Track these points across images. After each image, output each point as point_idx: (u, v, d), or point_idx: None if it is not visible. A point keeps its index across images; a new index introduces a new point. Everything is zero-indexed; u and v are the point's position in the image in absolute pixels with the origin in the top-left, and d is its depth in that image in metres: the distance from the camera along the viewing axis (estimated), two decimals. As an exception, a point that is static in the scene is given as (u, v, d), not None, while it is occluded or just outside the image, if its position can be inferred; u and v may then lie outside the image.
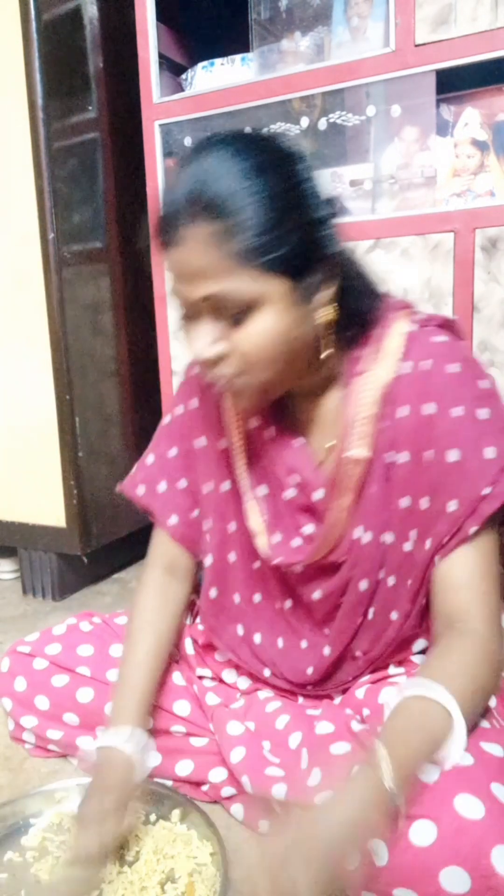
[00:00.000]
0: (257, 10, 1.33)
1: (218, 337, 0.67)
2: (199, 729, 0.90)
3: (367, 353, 0.74)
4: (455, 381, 0.71)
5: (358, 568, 0.78)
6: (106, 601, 1.62)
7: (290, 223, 0.65)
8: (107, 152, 1.58)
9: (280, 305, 0.66)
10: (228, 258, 0.63)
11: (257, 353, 0.67)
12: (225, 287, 0.64)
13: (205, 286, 0.65)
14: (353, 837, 0.52)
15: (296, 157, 0.68)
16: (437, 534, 0.71)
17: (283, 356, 0.69)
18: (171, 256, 0.67)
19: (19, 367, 1.56)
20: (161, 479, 0.91)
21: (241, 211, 0.63)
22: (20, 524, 1.62)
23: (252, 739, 0.83)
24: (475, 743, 0.60)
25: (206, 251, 0.64)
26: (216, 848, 0.75)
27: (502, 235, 1.15)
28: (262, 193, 0.64)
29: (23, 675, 0.95)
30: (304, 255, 0.66)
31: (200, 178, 0.64)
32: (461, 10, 1.11)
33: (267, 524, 0.83)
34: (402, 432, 0.73)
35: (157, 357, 1.53)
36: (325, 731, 0.78)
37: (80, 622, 1.01)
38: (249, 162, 0.64)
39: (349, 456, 0.74)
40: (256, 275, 0.64)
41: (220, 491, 0.87)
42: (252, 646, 0.88)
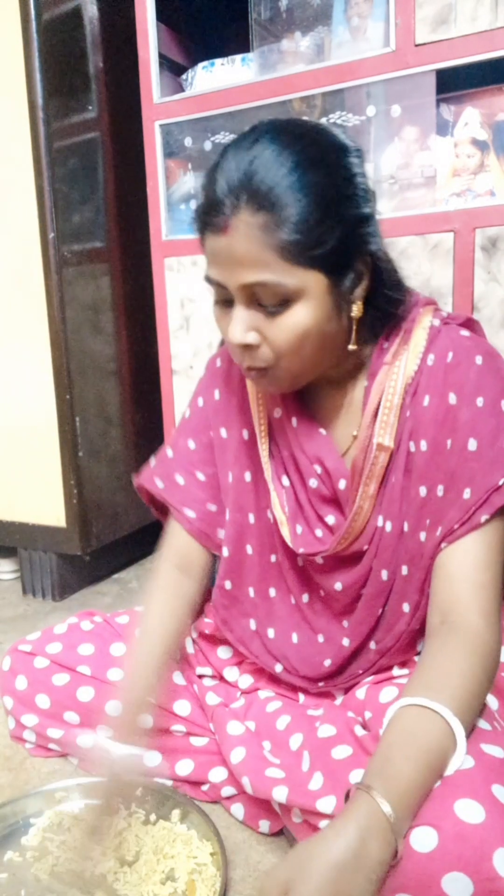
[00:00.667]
0: (257, 10, 1.33)
1: (252, 325, 0.68)
2: (200, 728, 0.90)
3: (393, 346, 0.76)
4: (477, 373, 0.72)
5: (379, 557, 0.78)
6: (106, 601, 1.62)
7: (336, 220, 0.66)
8: (107, 152, 1.58)
9: (317, 300, 0.67)
10: (273, 250, 0.64)
11: (289, 346, 0.69)
12: (267, 278, 0.65)
13: (246, 275, 0.66)
14: (353, 870, 0.51)
15: (347, 150, 0.69)
16: (448, 520, 0.71)
17: (314, 349, 0.70)
18: (214, 241, 0.67)
19: (19, 366, 1.56)
20: (179, 472, 0.91)
21: (291, 205, 0.63)
22: (20, 524, 1.62)
23: (252, 740, 0.83)
24: (475, 745, 0.60)
25: (251, 241, 0.64)
26: (216, 848, 0.75)
27: (502, 235, 1.15)
28: (312, 188, 0.64)
29: (24, 674, 0.95)
30: (345, 252, 0.67)
31: (252, 167, 0.64)
32: (461, 10, 1.11)
33: (289, 515, 0.83)
34: (423, 422, 0.74)
35: (157, 357, 1.53)
36: (326, 734, 0.77)
37: (81, 621, 1.01)
38: (302, 154, 0.65)
39: (375, 444, 0.75)
40: (298, 269, 0.65)
41: (242, 481, 0.87)
42: (265, 640, 0.88)
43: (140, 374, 1.70)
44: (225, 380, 0.89)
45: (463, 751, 0.58)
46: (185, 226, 1.48)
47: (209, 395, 0.91)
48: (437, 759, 0.57)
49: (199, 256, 1.41)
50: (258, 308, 0.68)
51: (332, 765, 0.72)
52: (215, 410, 0.89)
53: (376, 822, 0.53)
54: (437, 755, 0.57)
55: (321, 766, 0.72)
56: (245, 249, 0.65)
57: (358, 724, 0.78)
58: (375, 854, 0.52)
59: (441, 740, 0.58)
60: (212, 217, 0.66)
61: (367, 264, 0.71)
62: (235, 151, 0.66)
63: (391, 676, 0.82)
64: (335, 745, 0.74)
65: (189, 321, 1.47)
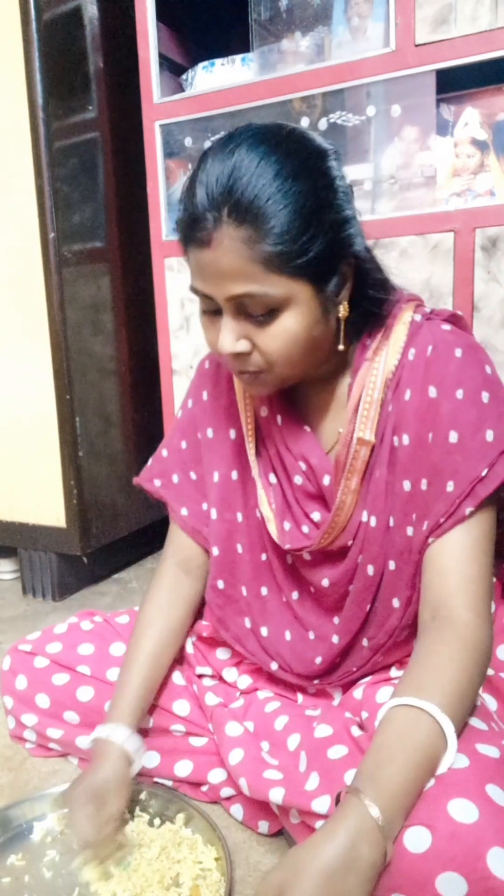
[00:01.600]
0: (257, 10, 1.33)
1: (241, 334, 0.69)
2: (199, 728, 0.90)
3: (375, 342, 0.76)
4: (457, 366, 0.72)
5: (365, 552, 0.78)
6: (106, 601, 1.62)
7: (319, 227, 0.66)
8: (107, 152, 1.58)
9: (304, 306, 0.68)
10: (258, 262, 0.64)
11: (280, 353, 0.69)
12: (253, 290, 0.65)
13: (233, 287, 0.66)
14: (347, 876, 0.52)
15: (326, 154, 0.69)
16: (434, 514, 0.71)
17: (304, 353, 0.71)
18: (197, 255, 0.67)
19: (19, 366, 1.56)
20: (174, 471, 0.93)
21: (274, 216, 0.63)
22: (20, 524, 1.62)
23: (251, 741, 0.83)
24: (470, 745, 0.60)
25: (235, 254, 0.64)
26: (220, 853, 0.75)
27: (502, 235, 1.15)
28: (294, 198, 0.64)
29: (24, 674, 0.95)
30: (329, 258, 0.68)
31: (232, 179, 0.64)
32: (461, 10, 1.11)
33: (276, 512, 0.84)
34: (405, 416, 0.74)
35: (157, 356, 1.53)
36: (323, 735, 0.77)
37: (81, 621, 1.01)
38: (282, 163, 0.64)
39: (356, 438, 0.76)
40: (283, 279, 0.66)
41: (228, 480, 0.87)
42: (259, 638, 0.89)
43: (140, 374, 1.70)
44: (213, 381, 0.90)
45: (454, 748, 0.58)
46: (185, 226, 1.48)
47: (198, 396, 0.92)
48: (428, 758, 0.57)
49: (199, 256, 1.42)
50: (246, 317, 0.68)
51: (327, 765, 0.72)
52: (203, 411, 0.90)
53: (366, 826, 0.53)
54: (427, 755, 0.57)
55: (317, 767, 0.72)
56: (230, 262, 0.65)
57: (355, 725, 0.78)
58: (366, 857, 0.52)
59: (431, 739, 0.58)
60: (195, 231, 0.66)
61: (351, 265, 0.71)
62: (214, 160, 0.66)
63: (388, 677, 0.81)
64: (331, 745, 0.74)
65: (189, 321, 1.47)
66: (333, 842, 0.53)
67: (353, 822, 0.53)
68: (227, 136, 0.68)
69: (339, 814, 0.55)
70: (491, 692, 0.75)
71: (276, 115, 1.32)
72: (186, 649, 0.95)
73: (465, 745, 0.60)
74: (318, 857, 0.52)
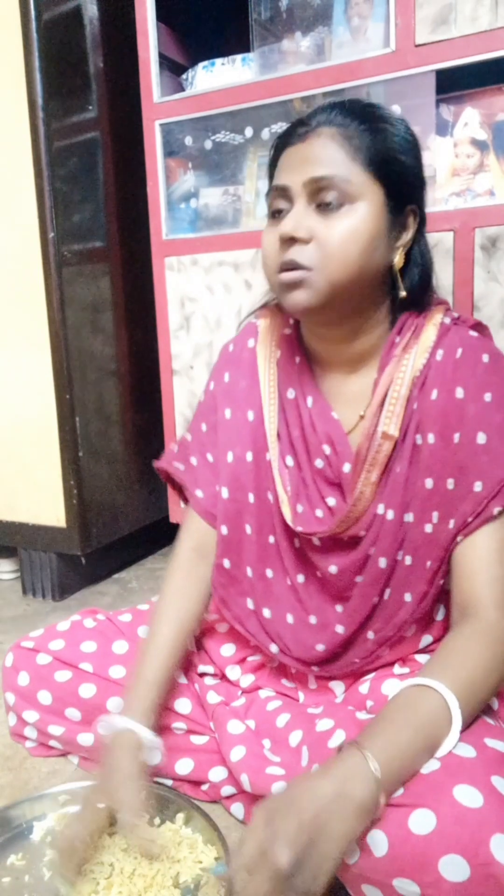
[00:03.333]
0: (257, 11, 1.33)
1: (307, 224, 0.72)
2: (200, 727, 0.90)
3: (404, 340, 0.78)
4: (484, 370, 0.75)
5: (378, 545, 0.79)
6: (106, 601, 1.62)
7: (406, 159, 0.74)
8: (107, 152, 1.58)
9: (373, 210, 0.72)
10: (348, 151, 0.71)
11: (339, 246, 0.71)
12: (334, 172, 0.71)
13: (317, 168, 0.71)
14: (336, 809, 0.54)
15: (416, 137, 0.77)
16: (462, 513, 0.73)
17: (359, 261, 0.72)
18: (290, 152, 0.74)
19: (19, 366, 1.56)
20: (193, 454, 0.93)
21: (373, 129, 0.72)
22: (20, 524, 1.62)
23: (252, 738, 0.83)
24: (478, 737, 0.61)
25: (331, 141, 0.72)
26: (221, 852, 0.75)
27: (502, 234, 1.15)
28: (392, 129, 0.74)
29: (26, 670, 0.95)
30: (406, 187, 0.75)
31: (341, 104, 0.74)
32: (461, 11, 1.12)
33: (291, 494, 0.84)
34: (430, 415, 0.76)
35: (157, 356, 1.53)
36: (324, 728, 0.78)
37: (84, 619, 1.01)
38: (386, 111, 0.76)
39: (379, 432, 0.77)
40: (366, 174, 0.72)
41: (243, 461, 0.88)
42: (261, 619, 0.89)
43: (140, 374, 1.71)
44: (236, 363, 0.91)
45: (458, 727, 0.60)
46: (185, 225, 1.49)
47: (219, 378, 0.93)
48: (429, 728, 0.60)
49: (199, 255, 1.43)
50: (317, 208, 0.72)
51: (327, 754, 0.72)
52: (223, 392, 0.91)
53: (360, 770, 0.56)
54: (428, 725, 0.60)
55: (318, 759, 0.73)
56: (321, 147, 0.72)
57: (361, 712, 0.78)
58: (357, 796, 0.55)
59: (435, 712, 0.60)
60: (295, 131, 0.74)
61: (415, 221, 0.77)
62: (325, 104, 0.76)
63: (392, 674, 0.82)
64: (331, 734, 0.75)
65: (189, 321, 1.47)
66: (327, 778, 0.56)
67: (349, 764, 0.56)
68: None
69: (337, 758, 0.58)
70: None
71: (276, 115, 1.32)
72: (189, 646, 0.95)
73: (474, 737, 0.61)
74: (310, 790, 0.55)
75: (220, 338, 1.44)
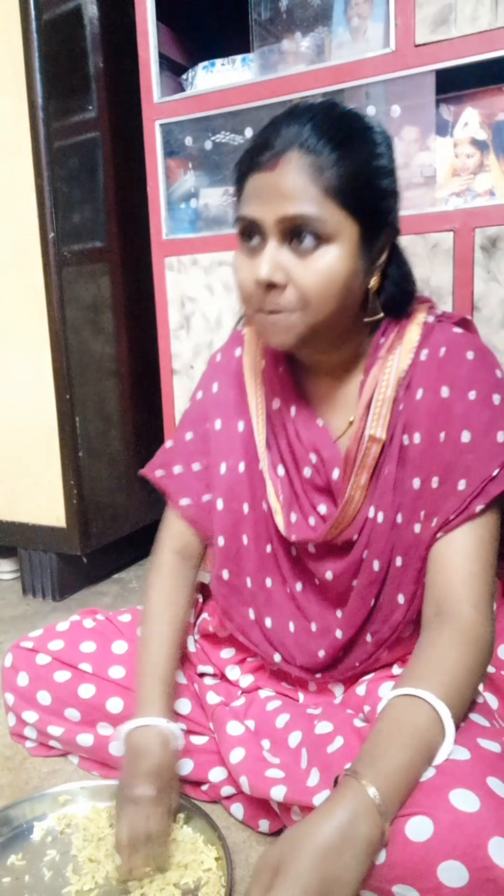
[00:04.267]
0: (257, 11, 1.33)
1: (282, 265, 0.70)
2: (200, 727, 0.90)
3: (389, 340, 0.77)
4: (469, 368, 0.74)
5: (371, 548, 0.79)
6: (106, 601, 1.62)
7: (377, 181, 0.71)
8: (107, 152, 1.58)
9: (348, 248, 0.70)
10: (318, 186, 0.67)
11: (317, 289, 0.70)
12: (308, 211, 0.67)
13: (290, 206, 0.68)
14: (344, 855, 0.52)
15: (386, 136, 0.74)
16: (444, 511, 0.73)
17: (337, 301, 0.71)
18: (257, 179, 0.70)
19: (19, 366, 1.56)
20: (177, 462, 0.93)
21: (343, 155, 0.68)
22: (20, 524, 1.62)
23: (252, 739, 0.83)
24: (472, 739, 0.60)
25: (300, 175, 0.67)
26: (221, 852, 0.75)
27: (502, 235, 1.15)
28: (361, 148, 0.69)
29: (25, 671, 0.95)
30: (380, 213, 0.72)
31: (309, 122, 0.69)
32: (461, 11, 1.12)
33: (283, 503, 0.84)
34: (416, 415, 0.76)
35: (157, 356, 1.53)
36: (323, 731, 0.77)
37: (84, 619, 1.01)
38: (353, 123, 0.71)
39: (367, 435, 0.76)
40: (339, 211, 0.68)
41: (235, 472, 0.88)
42: (263, 629, 0.89)
43: (140, 374, 1.71)
44: (224, 373, 0.91)
45: (452, 736, 0.59)
46: (185, 225, 1.49)
47: (208, 388, 0.93)
48: (425, 743, 0.58)
49: (199, 255, 1.43)
50: (290, 247, 0.69)
51: (327, 759, 0.72)
52: (212, 402, 0.91)
53: (363, 804, 0.54)
54: (424, 739, 0.58)
55: (317, 763, 0.73)
56: (293, 182, 0.68)
57: (357, 718, 0.78)
58: (363, 834, 0.53)
59: (428, 725, 0.59)
60: (260, 156, 0.70)
61: (390, 239, 0.74)
62: (290, 112, 0.71)
63: (391, 674, 0.82)
64: (331, 739, 0.75)
65: (189, 321, 1.47)
66: (330, 819, 0.53)
67: (350, 800, 0.54)
68: (294, 106, 0.73)
69: (336, 794, 0.55)
70: (492, 691, 0.76)
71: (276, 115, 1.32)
72: (188, 647, 0.95)
73: (467, 738, 0.60)
74: (315, 835, 0.52)
75: (220, 337, 1.44)
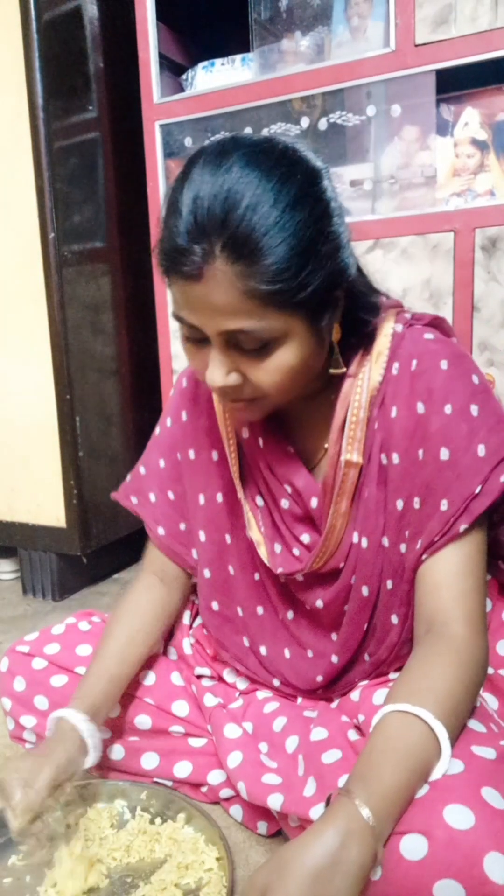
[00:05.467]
0: (257, 10, 1.33)
1: (232, 367, 0.65)
2: (198, 729, 0.90)
3: (358, 356, 0.74)
4: (444, 379, 0.70)
5: (358, 573, 0.77)
6: (106, 601, 1.62)
7: (317, 260, 0.62)
8: (107, 152, 1.58)
9: (300, 339, 0.64)
10: (254, 298, 0.60)
11: (276, 385, 0.66)
12: (249, 325, 0.61)
13: (226, 322, 0.61)
14: (335, 879, 0.50)
15: (320, 175, 0.64)
16: (429, 532, 0.70)
17: (298, 382, 0.68)
18: (184, 287, 0.62)
19: (19, 366, 1.56)
20: (152, 490, 0.92)
21: (272, 252, 0.58)
22: (20, 524, 1.62)
23: (249, 743, 0.83)
24: (465, 747, 0.59)
25: (230, 289, 0.59)
26: (222, 852, 0.75)
27: (502, 235, 1.15)
28: (292, 231, 0.59)
29: (22, 675, 0.94)
30: (327, 288, 0.64)
31: (226, 208, 0.58)
32: (461, 11, 1.11)
33: (265, 535, 0.82)
34: (392, 434, 0.72)
35: (157, 356, 1.53)
36: (318, 738, 0.76)
37: (80, 622, 1.00)
38: (278, 191, 0.59)
39: (343, 461, 0.74)
40: (281, 314, 0.62)
41: (214, 502, 0.86)
42: (259, 657, 0.88)
43: (140, 374, 1.70)
44: (192, 400, 0.88)
45: (448, 755, 0.57)
46: (185, 226, 1.48)
47: (177, 415, 0.90)
48: (420, 763, 0.56)
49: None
50: (238, 349, 0.64)
51: (322, 769, 0.71)
52: (183, 431, 0.89)
53: (356, 826, 0.52)
54: (420, 759, 0.57)
55: (313, 772, 0.72)
56: (223, 297, 0.60)
57: (352, 729, 0.77)
58: (355, 857, 0.51)
59: (424, 745, 0.57)
60: (181, 263, 0.60)
61: (344, 290, 0.68)
62: (203, 182, 0.59)
63: (387, 680, 0.81)
64: (326, 749, 0.74)
65: (189, 321, 1.47)
66: (321, 841, 0.51)
67: (342, 821, 0.52)
68: (215, 153, 0.61)
69: (328, 814, 0.54)
70: (492, 691, 0.75)
71: (276, 114, 1.32)
72: (184, 650, 0.95)
73: (461, 748, 0.59)
74: (304, 857, 0.51)
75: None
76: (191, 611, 0.99)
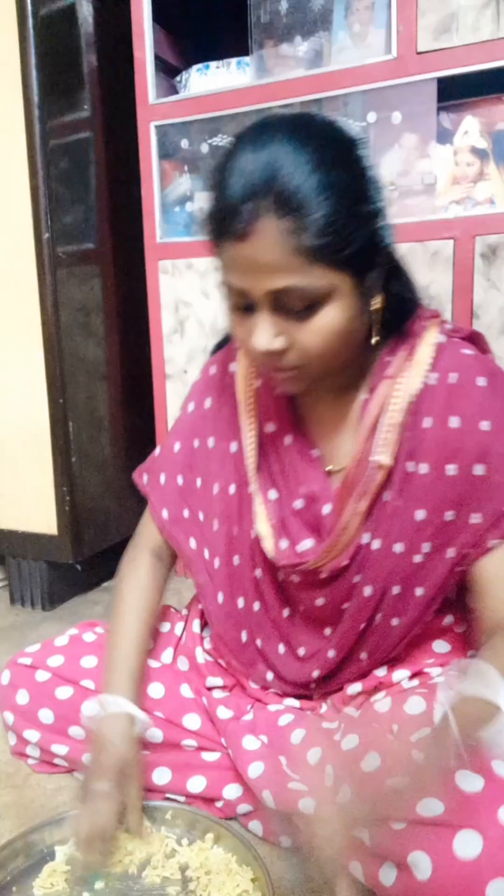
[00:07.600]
0: (256, 14, 1.32)
1: (280, 330, 0.66)
2: (211, 743, 0.88)
3: (397, 360, 0.75)
4: (481, 396, 0.72)
5: (364, 574, 0.77)
6: (97, 610, 1.59)
7: (359, 218, 0.64)
8: (100, 152, 1.55)
9: (346, 299, 0.66)
10: (301, 254, 0.62)
11: (321, 348, 0.67)
12: (296, 282, 0.63)
13: (273, 281, 0.63)
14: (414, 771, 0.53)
15: (358, 143, 0.67)
16: (460, 544, 0.72)
17: (343, 348, 0.69)
18: (234, 249, 0.64)
19: (11, 369, 1.52)
20: (163, 471, 0.92)
21: (318, 207, 0.61)
22: (9, 532, 1.58)
23: (270, 754, 0.81)
24: None
25: (277, 246, 0.62)
26: (259, 873, 0.72)
27: (502, 243, 1.16)
28: (336, 189, 0.62)
29: (25, 688, 0.92)
30: (371, 247, 0.66)
31: (271, 169, 0.61)
32: (463, 20, 1.12)
33: (275, 528, 0.82)
34: (424, 443, 0.73)
35: (150, 361, 1.51)
36: (352, 746, 0.76)
37: (83, 633, 0.98)
38: (321, 153, 0.62)
39: (372, 461, 0.74)
40: (327, 271, 0.63)
41: (226, 493, 0.86)
42: (255, 649, 0.88)
43: (133, 379, 1.68)
44: (218, 389, 0.88)
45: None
46: (179, 228, 1.47)
47: (200, 402, 0.90)
48: None
49: (194, 259, 1.41)
50: (284, 312, 0.66)
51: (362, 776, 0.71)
52: (204, 419, 0.89)
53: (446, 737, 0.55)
54: None
55: (348, 780, 0.71)
56: (271, 255, 0.62)
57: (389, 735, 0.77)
58: None
59: None
60: (230, 223, 0.63)
61: (386, 260, 0.70)
62: (247, 151, 0.63)
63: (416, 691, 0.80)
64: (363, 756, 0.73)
65: (183, 325, 1.46)
66: None
67: None
68: (257, 127, 0.65)
69: None
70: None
71: (274, 119, 1.31)
72: (197, 659, 0.93)
73: None
74: None
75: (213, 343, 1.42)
76: (200, 619, 0.98)
